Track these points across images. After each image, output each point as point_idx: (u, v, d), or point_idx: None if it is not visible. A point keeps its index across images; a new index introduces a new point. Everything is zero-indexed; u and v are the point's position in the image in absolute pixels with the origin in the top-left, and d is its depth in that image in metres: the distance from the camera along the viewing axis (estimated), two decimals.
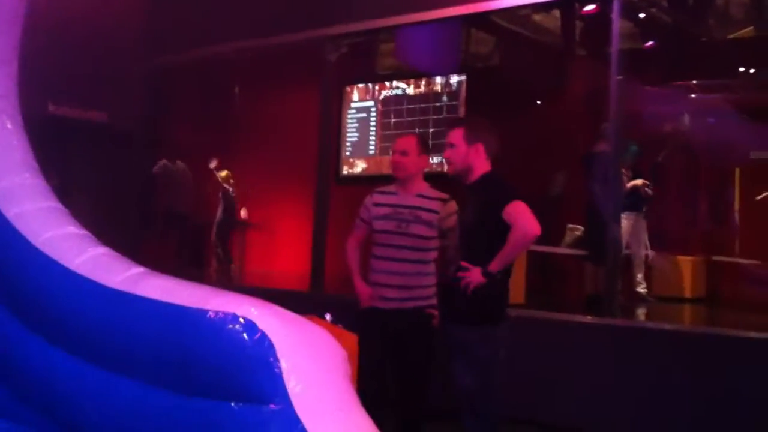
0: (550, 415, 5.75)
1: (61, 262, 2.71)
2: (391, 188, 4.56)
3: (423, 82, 8.98)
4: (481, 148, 4.10)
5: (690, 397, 5.29)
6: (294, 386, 2.10)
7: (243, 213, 11.55)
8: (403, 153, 4.46)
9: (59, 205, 3.07)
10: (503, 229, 3.87)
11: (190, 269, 10.27)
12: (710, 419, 5.21)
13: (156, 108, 10.61)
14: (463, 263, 3.99)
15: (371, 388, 4.13)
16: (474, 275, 3.91)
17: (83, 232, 2.93)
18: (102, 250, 2.78)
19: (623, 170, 7.84)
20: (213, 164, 11.26)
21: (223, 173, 11.30)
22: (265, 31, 8.55)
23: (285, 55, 9.29)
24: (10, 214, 2.91)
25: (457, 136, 4.15)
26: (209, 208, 11.50)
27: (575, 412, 5.66)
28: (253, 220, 11.88)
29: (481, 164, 4.10)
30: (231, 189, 11.29)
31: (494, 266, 3.90)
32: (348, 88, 9.47)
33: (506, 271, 4.04)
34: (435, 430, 4.57)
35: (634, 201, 8.28)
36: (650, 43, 9.38)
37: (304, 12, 8.21)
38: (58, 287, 2.70)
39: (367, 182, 8.36)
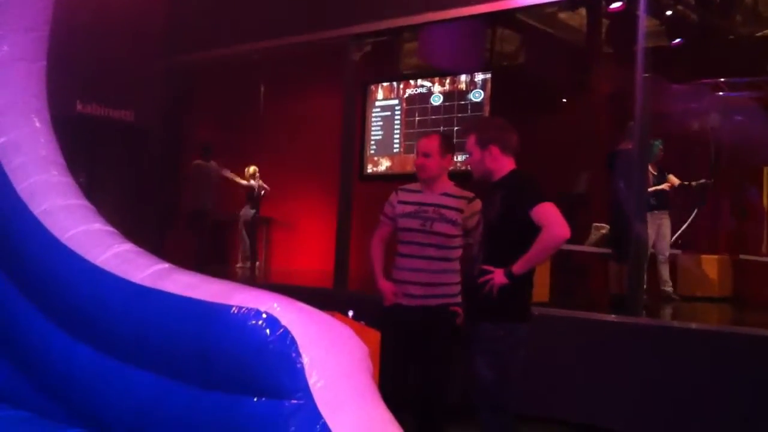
0: (572, 413, 5.73)
1: (87, 257, 2.74)
2: (416, 186, 4.54)
3: (448, 81, 8.95)
4: (495, 150, 4.01)
5: (715, 397, 5.24)
6: (315, 381, 2.11)
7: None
8: (426, 155, 4.43)
9: (86, 202, 3.10)
10: (529, 228, 3.81)
11: (215, 266, 10.31)
12: (736, 419, 5.16)
13: (180, 106, 10.67)
14: (486, 266, 3.93)
15: (392, 385, 4.14)
16: (497, 276, 3.86)
17: (109, 228, 2.96)
18: (127, 247, 2.81)
19: (650, 167, 7.80)
20: (228, 173, 11.18)
21: (251, 169, 11.29)
22: (289, 29, 8.58)
23: (310, 53, 9.31)
24: (38, 211, 2.95)
25: (469, 143, 4.10)
26: (234, 206, 11.55)
27: (597, 410, 5.63)
28: (278, 217, 11.90)
29: (501, 164, 4.03)
30: (257, 185, 11.29)
31: (518, 268, 3.83)
32: (372, 87, 9.47)
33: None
34: (453, 428, 4.56)
35: (661, 199, 8.22)
36: (677, 40, 9.29)
37: (328, 11, 8.22)
38: (84, 283, 2.74)
39: (392, 180, 8.35)
